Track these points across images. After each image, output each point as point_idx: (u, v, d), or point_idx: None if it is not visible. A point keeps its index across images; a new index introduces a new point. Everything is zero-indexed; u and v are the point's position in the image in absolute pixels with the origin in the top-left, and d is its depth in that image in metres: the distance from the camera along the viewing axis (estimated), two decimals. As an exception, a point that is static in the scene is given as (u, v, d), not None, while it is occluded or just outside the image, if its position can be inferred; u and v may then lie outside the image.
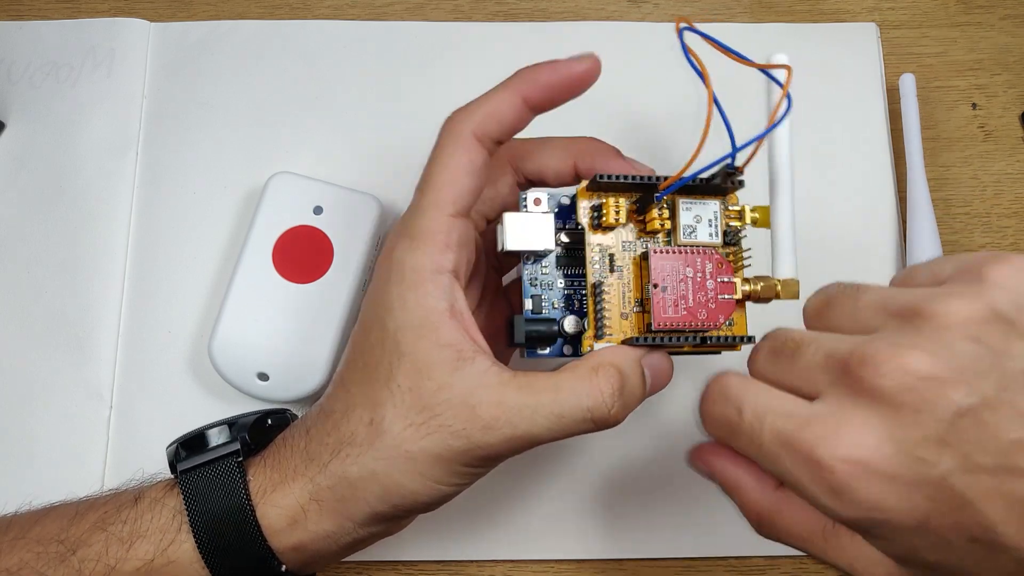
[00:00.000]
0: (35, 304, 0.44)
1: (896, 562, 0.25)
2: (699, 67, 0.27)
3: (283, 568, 0.29)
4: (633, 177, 0.31)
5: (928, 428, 0.22)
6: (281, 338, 0.41)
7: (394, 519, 0.30)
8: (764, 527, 0.28)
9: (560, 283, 0.32)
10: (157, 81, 0.48)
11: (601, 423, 0.29)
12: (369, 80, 0.48)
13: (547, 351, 0.32)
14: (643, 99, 0.47)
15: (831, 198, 0.46)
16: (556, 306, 0.32)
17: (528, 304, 0.32)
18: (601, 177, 0.31)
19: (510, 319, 0.31)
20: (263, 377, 0.41)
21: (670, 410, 0.43)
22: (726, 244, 0.32)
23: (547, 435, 0.28)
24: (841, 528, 0.26)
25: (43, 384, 0.43)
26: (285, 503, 0.29)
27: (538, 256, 0.32)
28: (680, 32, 0.27)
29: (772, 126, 0.28)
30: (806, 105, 0.48)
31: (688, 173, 0.29)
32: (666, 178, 0.30)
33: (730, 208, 0.32)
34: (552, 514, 0.42)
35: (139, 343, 0.44)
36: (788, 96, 0.28)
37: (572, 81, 0.30)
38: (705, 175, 0.30)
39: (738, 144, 0.29)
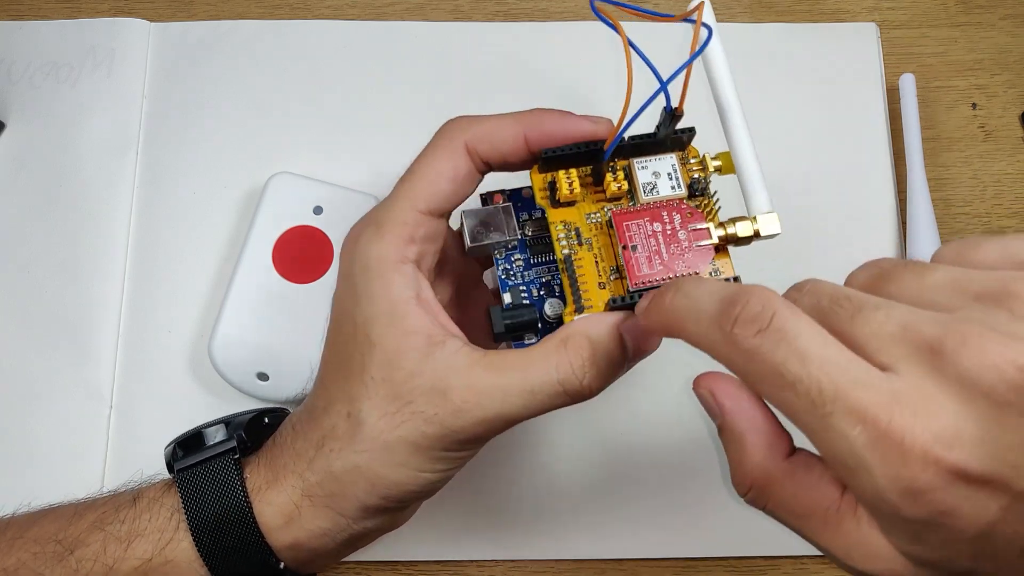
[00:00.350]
0: (35, 304, 0.44)
1: (914, 562, 0.22)
2: (609, 20, 0.27)
3: (281, 566, 0.29)
4: (578, 146, 0.30)
5: None
6: (281, 338, 0.41)
7: (389, 511, 0.30)
8: (754, 494, 0.24)
9: (535, 272, 0.32)
10: (157, 81, 0.48)
11: (576, 395, 0.28)
12: (369, 80, 0.48)
13: (533, 341, 0.31)
14: (643, 99, 0.47)
15: (830, 197, 0.46)
16: (536, 295, 0.32)
17: (507, 298, 0.31)
18: (546, 153, 0.30)
19: (488, 311, 0.31)
20: (263, 377, 0.41)
21: (671, 409, 0.43)
22: (693, 195, 0.31)
23: (522, 413, 0.28)
24: (847, 512, 0.23)
25: (43, 384, 0.43)
26: (279, 500, 0.29)
27: (507, 249, 0.32)
28: (592, 2, 0.27)
29: (695, 54, 0.28)
30: (806, 105, 0.48)
31: (626, 122, 0.28)
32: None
33: (691, 161, 0.32)
34: (552, 514, 0.42)
35: (139, 343, 0.44)
36: (706, 26, 0.28)
37: (574, 140, 0.30)
38: (653, 131, 0.30)
39: (664, 78, 0.28)
